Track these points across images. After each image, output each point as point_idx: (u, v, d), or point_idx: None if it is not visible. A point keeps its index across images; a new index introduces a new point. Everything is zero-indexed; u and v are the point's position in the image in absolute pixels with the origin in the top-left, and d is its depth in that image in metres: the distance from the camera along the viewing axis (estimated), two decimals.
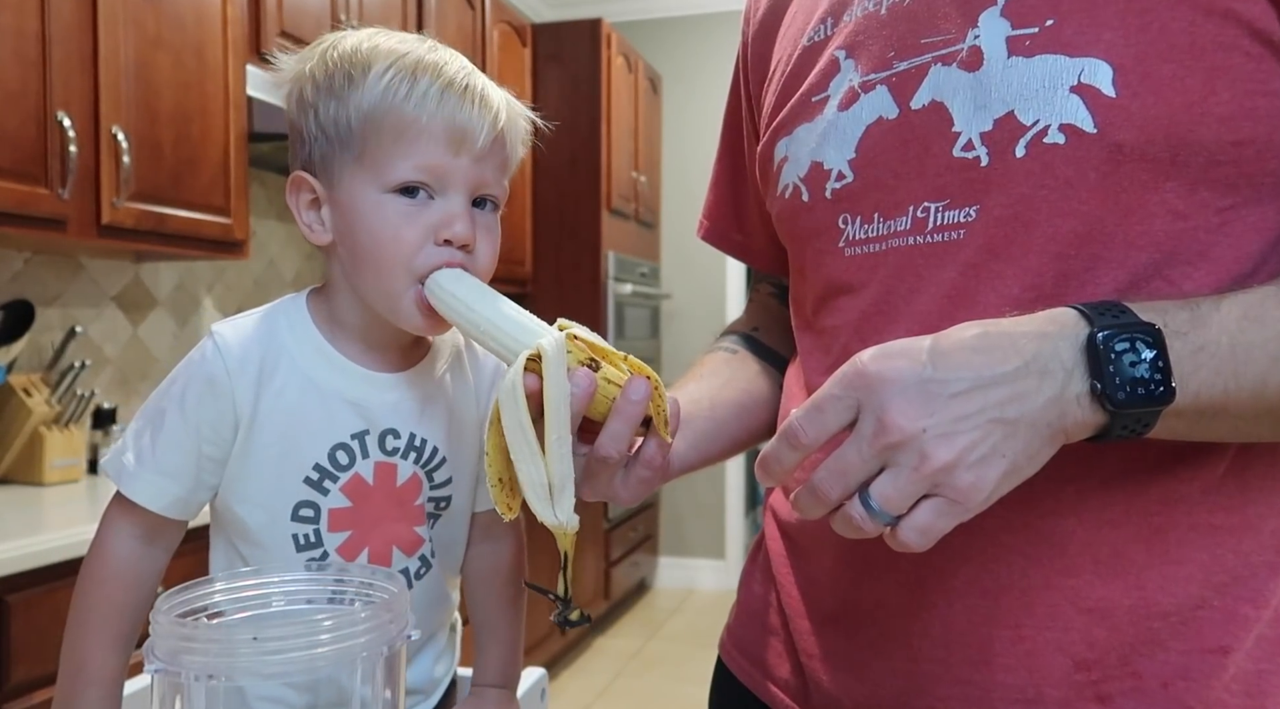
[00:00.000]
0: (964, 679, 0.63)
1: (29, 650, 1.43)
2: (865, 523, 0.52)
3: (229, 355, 0.76)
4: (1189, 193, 0.57)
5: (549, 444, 0.63)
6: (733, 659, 0.83)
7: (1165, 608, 0.59)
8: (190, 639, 0.57)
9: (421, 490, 0.81)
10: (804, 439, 0.53)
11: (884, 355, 0.52)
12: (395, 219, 0.73)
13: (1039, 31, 0.60)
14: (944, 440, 0.50)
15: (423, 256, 0.72)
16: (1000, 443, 0.50)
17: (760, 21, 0.84)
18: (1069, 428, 0.52)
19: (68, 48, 1.77)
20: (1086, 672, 0.60)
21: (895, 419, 0.50)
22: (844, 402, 0.52)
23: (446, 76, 0.74)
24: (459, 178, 0.73)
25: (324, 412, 0.77)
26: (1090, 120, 0.58)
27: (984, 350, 0.52)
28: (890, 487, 0.51)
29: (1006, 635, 0.62)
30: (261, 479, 0.77)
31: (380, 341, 0.80)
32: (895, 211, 0.66)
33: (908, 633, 0.65)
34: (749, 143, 0.87)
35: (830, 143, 0.70)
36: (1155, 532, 0.60)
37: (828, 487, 0.53)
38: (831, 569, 0.71)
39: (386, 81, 0.73)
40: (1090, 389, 0.51)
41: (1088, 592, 0.60)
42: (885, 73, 0.67)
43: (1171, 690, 0.59)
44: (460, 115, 0.73)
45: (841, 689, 0.69)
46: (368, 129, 0.73)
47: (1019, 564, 0.61)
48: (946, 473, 0.50)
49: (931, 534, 0.52)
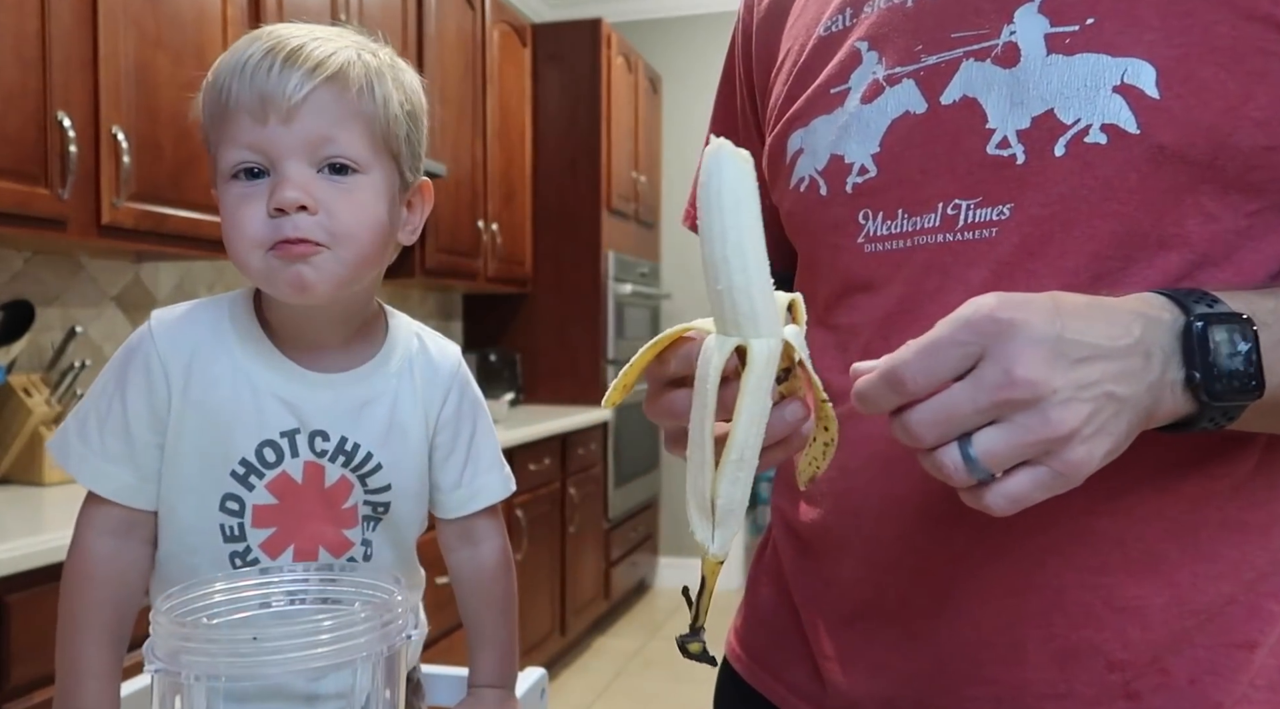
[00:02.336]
0: (993, 679, 0.62)
1: (29, 650, 1.43)
2: (959, 473, 0.49)
3: (162, 341, 0.76)
4: (1221, 195, 0.57)
5: (726, 461, 0.54)
6: (741, 662, 0.82)
7: (1196, 605, 0.59)
8: (190, 639, 0.57)
9: (352, 493, 0.80)
10: (910, 385, 0.49)
11: (1013, 304, 0.48)
12: (233, 203, 0.72)
13: (1079, 30, 0.59)
14: (1069, 406, 0.47)
15: (262, 234, 0.71)
16: (1109, 420, 0.48)
17: (767, 9, 0.82)
18: (1158, 415, 0.51)
19: (68, 48, 1.77)
20: (1120, 672, 0.60)
21: (1026, 373, 0.46)
22: (966, 348, 0.48)
23: (258, 48, 0.71)
24: (278, 146, 0.70)
25: (255, 406, 0.77)
26: (1133, 121, 0.57)
27: (1105, 320, 0.49)
28: (1001, 442, 0.47)
29: (1038, 635, 0.61)
30: (194, 469, 0.76)
31: (314, 339, 0.79)
32: (922, 208, 0.65)
33: (934, 633, 0.64)
34: (745, 132, 0.86)
35: (852, 136, 0.68)
36: (1187, 529, 0.59)
37: (924, 430, 0.49)
38: (851, 571, 0.70)
39: (212, 74, 0.73)
40: (1186, 379, 0.50)
41: (1121, 590, 0.60)
42: (912, 66, 0.66)
43: (1198, 686, 0.59)
44: (260, 82, 0.70)
45: (862, 691, 0.68)
46: (207, 123, 0.74)
47: (1051, 564, 0.61)
48: (1064, 443, 0.47)
49: (1021, 503, 0.49)
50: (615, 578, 4.00)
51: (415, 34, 3.04)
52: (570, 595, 3.54)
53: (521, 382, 3.97)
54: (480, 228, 3.45)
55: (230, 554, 0.77)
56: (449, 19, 3.23)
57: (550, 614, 3.39)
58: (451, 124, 3.26)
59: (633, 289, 4.12)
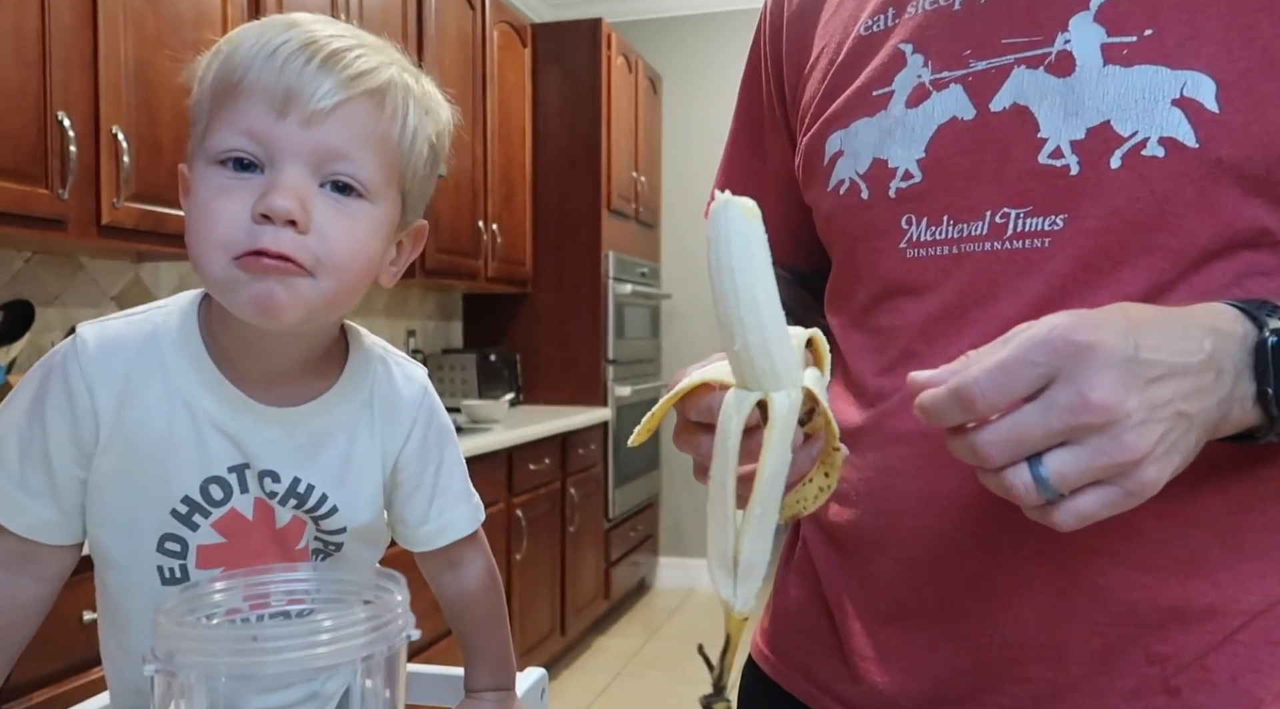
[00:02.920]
0: (1033, 677, 0.62)
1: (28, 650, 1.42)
2: (1029, 494, 0.48)
3: (87, 363, 0.67)
4: (1274, 209, 0.57)
5: (750, 517, 0.54)
6: (769, 662, 0.82)
7: (1242, 606, 0.59)
8: (190, 639, 0.57)
9: (305, 533, 0.74)
10: (981, 405, 0.48)
11: (1087, 324, 0.48)
12: (212, 191, 0.62)
13: (1138, 41, 0.59)
14: (1143, 429, 0.47)
15: (237, 236, 0.61)
16: (1180, 438, 0.48)
17: (799, 4, 0.81)
18: (1225, 427, 0.51)
19: (68, 48, 1.77)
20: (1160, 665, 0.60)
21: (1101, 397, 0.46)
22: (1040, 369, 0.47)
23: (295, 38, 0.63)
24: (287, 145, 0.62)
25: (196, 440, 0.68)
26: (1192, 135, 0.57)
27: (1176, 335, 0.49)
28: (1073, 465, 0.47)
29: (1080, 633, 0.61)
30: (122, 506, 0.69)
31: (269, 367, 0.70)
32: (969, 215, 0.64)
33: (975, 632, 0.64)
34: (770, 125, 0.85)
35: (896, 140, 0.68)
36: (1231, 530, 0.59)
37: (994, 451, 0.48)
38: (889, 570, 0.69)
39: (226, 47, 0.64)
40: (1258, 394, 0.51)
41: (1164, 590, 0.60)
42: (960, 71, 0.65)
43: (1241, 684, 0.59)
44: (290, 72, 0.61)
45: (899, 689, 0.68)
46: (206, 97, 0.64)
47: (1098, 563, 0.60)
48: (1137, 465, 0.47)
49: (1088, 521, 0.49)
50: (615, 578, 4.00)
51: (415, 34, 3.04)
52: (570, 595, 3.54)
53: (521, 381, 3.97)
54: (480, 228, 3.45)
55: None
56: (449, 19, 3.23)
57: (550, 614, 3.39)
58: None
59: (633, 289, 4.12)
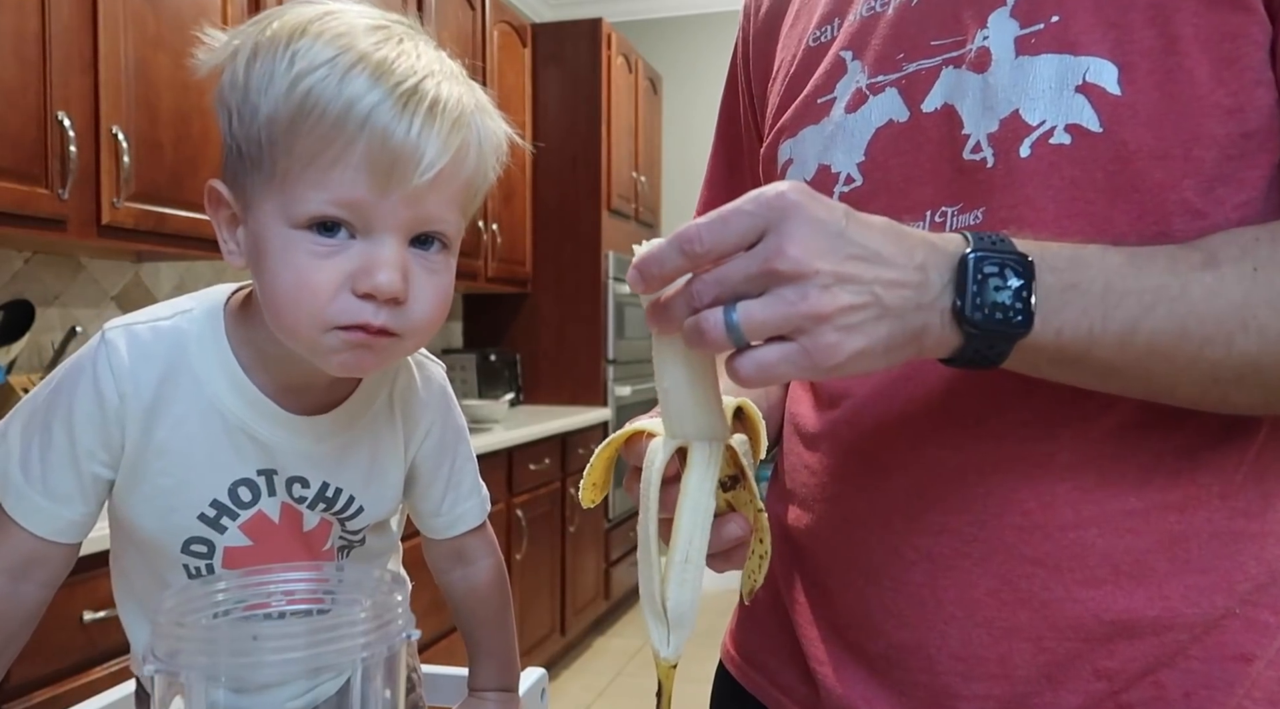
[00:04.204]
0: (983, 694, 0.62)
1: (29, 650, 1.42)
2: (716, 330, 0.49)
3: (120, 373, 0.66)
4: (1207, 190, 0.56)
5: (672, 564, 0.55)
6: (736, 666, 0.82)
7: (1189, 619, 0.58)
8: (190, 639, 0.57)
9: (331, 535, 0.75)
10: (698, 247, 0.50)
11: (806, 191, 0.50)
12: (303, 261, 0.59)
13: (1044, 28, 0.59)
14: (827, 291, 0.48)
15: (336, 309, 0.59)
16: (870, 321, 0.49)
17: (763, 18, 0.83)
18: (927, 340, 0.52)
19: (68, 48, 1.77)
20: (1108, 680, 0.60)
21: (796, 250, 0.48)
22: (754, 219, 0.49)
23: (389, 80, 0.57)
24: (387, 216, 0.59)
25: (228, 444, 0.68)
26: (1096, 119, 0.57)
27: (893, 236, 0.51)
28: (760, 310, 0.49)
29: (1028, 648, 0.60)
30: (151, 509, 0.69)
31: (301, 380, 0.69)
32: (909, 216, 0.64)
33: (925, 645, 0.64)
34: (748, 141, 0.86)
35: (838, 146, 0.69)
36: (1176, 540, 0.58)
37: (702, 288, 0.50)
38: (840, 576, 0.69)
39: (310, 85, 0.57)
40: (952, 306, 0.51)
41: (1110, 603, 0.59)
42: (894, 75, 0.66)
43: (1194, 700, 0.59)
44: (394, 135, 0.57)
45: (858, 696, 0.68)
46: (278, 146, 0.59)
47: (1040, 576, 0.60)
48: (816, 321, 0.48)
49: (767, 374, 0.50)
50: (615, 578, 4.00)
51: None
52: (570, 595, 3.54)
53: (521, 381, 3.97)
54: (480, 228, 3.45)
55: None
56: (449, 19, 3.23)
57: (550, 614, 3.39)
58: None
59: None
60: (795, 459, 0.76)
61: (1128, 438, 0.59)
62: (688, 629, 0.57)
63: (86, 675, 1.51)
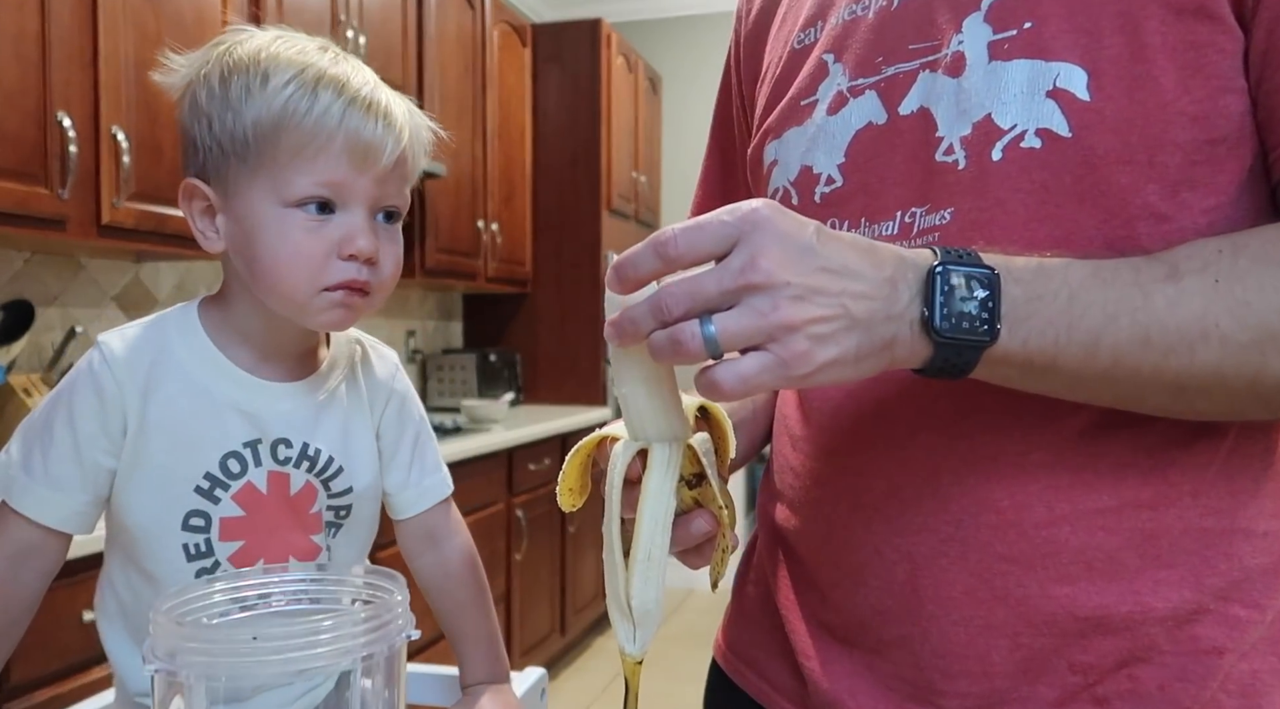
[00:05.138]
0: (963, 691, 0.63)
1: (29, 650, 1.43)
2: (693, 342, 0.51)
3: (116, 365, 0.75)
4: (1171, 195, 0.57)
5: (634, 562, 0.56)
6: (728, 661, 0.83)
7: (1161, 613, 0.60)
8: (190, 639, 0.57)
9: (317, 499, 0.81)
10: (672, 251, 0.51)
11: (780, 208, 0.52)
12: (297, 235, 0.72)
13: (1017, 34, 0.60)
14: (798, 302, 0.50)
15: (328, 272, 0.73)
16: (840, 331, 0.51)
17: (753, 21, 0.84)
18: (898, 350, 0.53)
19: (68, 48, 1.77)
20: (1083, 674, 0.61)
21: (767, 263, 0.50)
22: (728, 228, 0.51)
23: (350, 92, 0.73)
24: (361, 193, 0.73)
25: (215, 420, 0.77)
26: (1065, 124, 0.58)
27: (861, 251, 0.53)
28: (734, 321, 0.50)
29: (1004, 645, 0.62)
30: (151, 488, 0.76)
31: (276, 350, 0.80)
32: (882, 216, 0.66)
33: (908, 640, 0.65)
34: (740, 140, 0.87)
35: (820, 147, 0.70)
36: (1147, 537, 0.60)
37: (673, 302, 0.51)
38: (828, 575, 0.71)
39: (287, 95, 0.72)
40: (920, 316, 0.53)
41: (1083, 599, 0.60)
42: (874, 78, 0.67)
43: (1168, 693, 0.60)
44: (364, 132, 0.72)
45: (845, 691, 0.69)
46: (265, 143, 0.72)
47: (1015, 573, 0.61)
48: (787, 331, 0.50)
49: (748, 384, 0.51)
50: None
51: (415, 34, 3.04)
52: (570, 595, 3.54)
53: (521, 381, 3.97)
54: (480, 228, 3.45)
55: (197, 572, 0.76)
56: (449, 19, 3.23)
57: (550, 614, 3.39)
58: (451, 124, 3.26)
59: None
60: (782, 460, 0.77)
61: (1100, 438, 0.60)
62: (653, 626, 0.58)
63: (86, 675, 1.51)
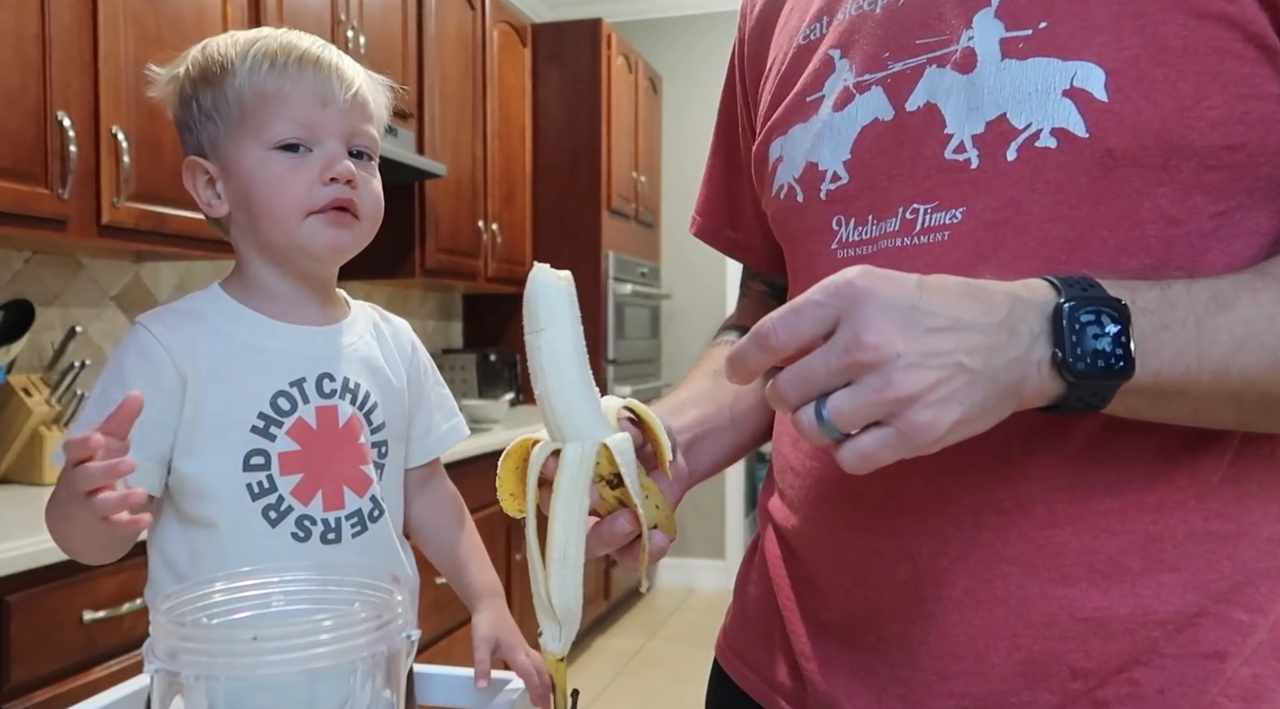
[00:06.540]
0: (960, 692, 0.63)
1: (29, 650, 1.43)
2: (811, 430, 0.51)
3: (159, 331, 0.85)
4: (1182, 199, 0.57)
5: (550, 562, 0.57)
6: (729, 661, 0.83)
7: (1162, 616, 0.59)
8: (190, 639, 0.57)
9: (362, 431, 0.90)
10: (774, 342, 0.51)
11: (874, 274, 0.50)
12: (281, 170, 0.85)
13: (1032, 34, 0.60)
14: (912, 371, 0.48)
15: (313, 196, 0.84)
16: (961, 389, 0.49)
17: (757, 17, 0.84)
18: (1026, 393, 0.52)
19: (68, 48, 1.77)
20: (1084, 679, 0.60)
21: (872, 338, 0.48)
22: (825, 309, 0.50)
23: (304, 47, 0.88)
24: (331, 128, 0.86)
25: (259, 364, 0.86)
26: (1082, 124, 0.57)
27: (968, 298, 0.51)
28: (847, 403, 0.49)
29: (1003, 646, 0.61)
30: (211, 436, 0.84)
31: (299, 299, 0.91)
32: (887, 213, 0.66)
33: (908, 640, 0.65)
34: (744, 139, 0.87)
35: (825, 143, 0.69)
36: (1151, 540, 0.59)
37: (787, 390, 0.51)
38: (828, 576, 0.70)
39: (251, 62, 0.86)
40: (1051, 357, 0.51)
41: (1084, 601, 0.60)
42: (880, 73, 0.67)
43: (1168, 697, 0.59)
44: (319, 78, 0.86)
45: (842, 692, 0.68)
46: (244, 102, 0.86)
47: (1015, 575, 0.61)
48: (905, 404, 0.48)
49: (871, 461, 0.50)
50: (615, 578, 3.99)
51: (415, 34, 3.04)
52: None
53: (521, 381, 3.97)
54: (480, 228, 3.45)
55: (263, 509, 0.83)
56: (449, 19, 3.23)
57: None
58: (451, 124, 3.26)
59: (633, 289, 4.12)
60: (783, 461, 0.77)
61: (1104, 441, 0.60)
62: (575, 624, 0.58)
63: (86, 675, 1.51)
